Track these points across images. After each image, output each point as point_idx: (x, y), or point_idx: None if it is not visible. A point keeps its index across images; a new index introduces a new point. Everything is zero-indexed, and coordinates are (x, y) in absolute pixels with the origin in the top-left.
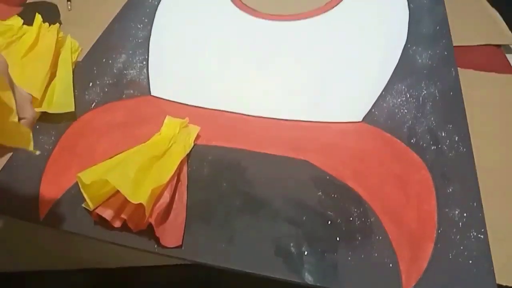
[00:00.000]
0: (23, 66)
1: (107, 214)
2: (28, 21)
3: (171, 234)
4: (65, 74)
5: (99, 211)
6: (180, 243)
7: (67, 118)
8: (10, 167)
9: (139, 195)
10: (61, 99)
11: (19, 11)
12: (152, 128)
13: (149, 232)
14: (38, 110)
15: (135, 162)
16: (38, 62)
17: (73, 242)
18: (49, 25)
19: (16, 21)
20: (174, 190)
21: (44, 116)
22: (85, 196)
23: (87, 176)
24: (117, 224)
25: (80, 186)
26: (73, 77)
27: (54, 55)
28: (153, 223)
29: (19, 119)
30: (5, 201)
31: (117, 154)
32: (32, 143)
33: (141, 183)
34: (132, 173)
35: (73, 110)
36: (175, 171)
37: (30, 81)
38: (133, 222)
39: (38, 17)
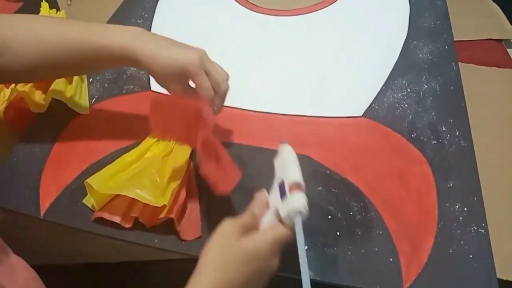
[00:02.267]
0: None
1: (116, 218)
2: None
3: (189, 228)
4: (84, 75)
5: (107, 217)
6: (199, 235)
7: (68, 114)
8: (11, 163)
9: (161, 198)
10: (81, 99)
11: (19, 6)
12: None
13: (149, 227)
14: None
15: (148, 172)
16: None
17: (73, 237)
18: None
19: None
20: (187, 187)
21: (45, 112)
22: (92, 199)
23: (97, 183)
24: (127, 224)
25: (87, 190)
26: None
27: None
28: (174, 218)
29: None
30: (6, 196)
31: (117, 150)
32: None
33: (159, 186)
34: (148, 181)
35: (87, 113)
36: (187, 167)
37: None
38: (145, 218)
39: (45, 4)
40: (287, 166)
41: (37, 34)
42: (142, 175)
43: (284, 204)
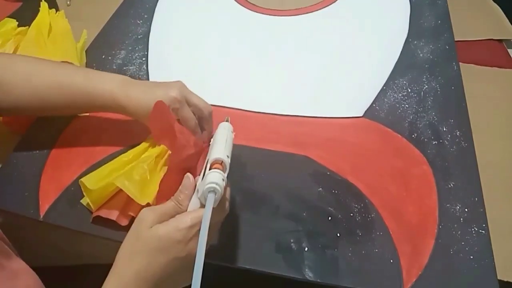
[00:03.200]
0: (54, 42)
1: (113, 215)
2: (29, 16)
3: None
4: None
5: (104, 214)
6: None
7: (67, 116)
8: (10, 165)
9: (145, 196)
10: None
11: (19, 5)
12: None
13: None
14: None
15: (139, 167)
16: (63, 38)
17: (73, 238)
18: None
19: (10, 23)
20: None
21: None
22: (88, 199)
23: (91, 182)
24: (124, 222)
25: (82, 189)
26: None
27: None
28: None
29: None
30: (5, 198)
31: (116, 152)
32: None
33: (149, 184)
34: (138, 176)
35: (87, 114)
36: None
37: (67, 53)
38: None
39: (45, 4)
40: (215, 144)
41: (33, 77)
42: (134, 169)
43: (201, 183)
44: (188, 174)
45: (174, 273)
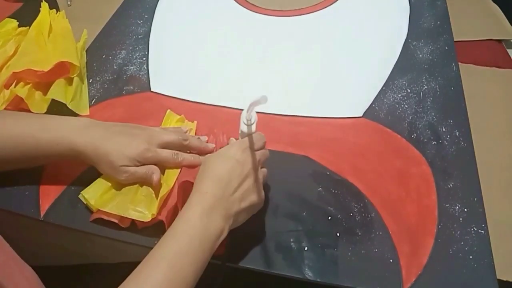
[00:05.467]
0: (54, 42)
1: (115, 218)
2: (30, 16)
3: None
4: (84, 76)
5: (106, 217)
6: None
7: (67, 115)
8: None
9: (151, 211)
10: (81, 100)
11: (19, 6)
12: (153, 124)
13: (149, 228)
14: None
15: (142, 187)
16: (64, 38)
17: (73, 238)
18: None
19: (11, 23)
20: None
21: (45, 113)
22: (89, 206)
23: (93, 197)
24: (126, 224)
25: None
26: None
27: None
28: (164, 221)
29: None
30: (6, 197)
31: None
32: None
33: (154, 197)
34: (142, 196)
35: (88, 114)
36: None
37: (67, 53)
38: (139, 220)
39: (45, 5)
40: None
41: None
42: (137, 190)
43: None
44: (232, 138)
45: (236, 178)
